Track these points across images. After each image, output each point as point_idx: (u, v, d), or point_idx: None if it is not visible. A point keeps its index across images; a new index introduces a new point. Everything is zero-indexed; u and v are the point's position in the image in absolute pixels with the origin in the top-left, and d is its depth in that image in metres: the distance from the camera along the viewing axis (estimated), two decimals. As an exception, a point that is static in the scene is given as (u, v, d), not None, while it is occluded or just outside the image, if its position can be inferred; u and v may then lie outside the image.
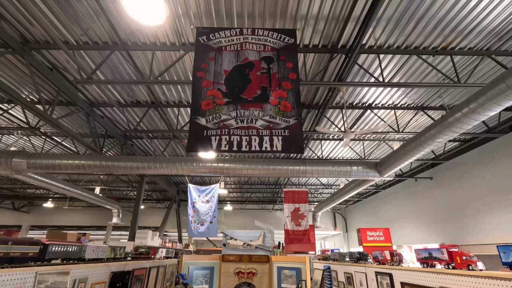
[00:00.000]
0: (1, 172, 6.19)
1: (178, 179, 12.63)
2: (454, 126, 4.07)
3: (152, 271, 3.99)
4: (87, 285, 2.42)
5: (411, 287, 2.34)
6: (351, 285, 3.61)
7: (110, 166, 6.32)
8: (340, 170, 6.25)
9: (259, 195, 15.23)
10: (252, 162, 6.48)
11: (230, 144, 2.21)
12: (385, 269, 2.75)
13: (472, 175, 7.98)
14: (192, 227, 6.97)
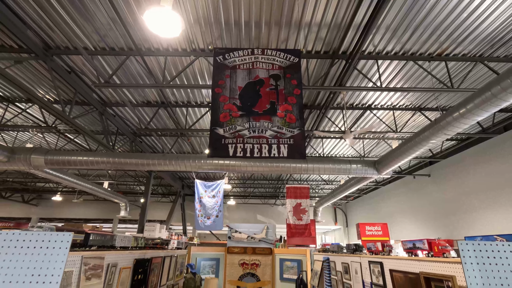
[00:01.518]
0: (20, 167, 6.59)
1: (183, 175, 13.02)
2: (446, 129, 4.38)
3: (166, 260, 4.38)
4: (117, 269, 2.79)
5: (397, 273, 2.69)
6: (348, 273, 3.97)
7: (122, 162, 6.68)
8: (340, 168, 6.57)
9: (261, 190, 15.62)
10: (256, 160, 6.81)
11: (244, 151, 2.56)
12: (377, 259, 3.10)
13: (467, 173, 8.28)
14: (199, 220, 7.35)
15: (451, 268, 1.89)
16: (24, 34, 4.29)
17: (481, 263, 1.19)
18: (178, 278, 5.38)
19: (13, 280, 1.14)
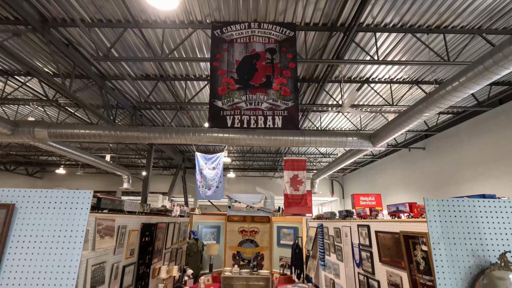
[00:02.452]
0: (25, 140, 6.76)
1: (184, 148, 13.25)
2: (439, 102, 4.50)
3: (170, 226, 4.69)
4: (127, 231, 3.06)
5: (382, 233, 2.97)
6: (339, 237, 4.29)
7: (124, 136, 6.84)
8: (336, 141, 6.76)
9: (260, 163, 15.96)
10: (254, 133, 6.96)
11: (241, 122, 2.71)
12: (365, 222, 3.38)
13: (461, 146, 8.50)
14: (200, 191, 7.68)
15: (425, 226, 2.11)
16: (19, 6, 4.25)
17: (442, 215, 1.39)
18: (181, 243, 5.76)
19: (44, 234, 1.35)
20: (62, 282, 1.29)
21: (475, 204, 1.40)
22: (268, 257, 7.58)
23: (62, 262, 1.31)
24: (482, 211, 1.39)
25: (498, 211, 1.40)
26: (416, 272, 2.33)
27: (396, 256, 2.72)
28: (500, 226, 1.38)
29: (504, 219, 1.38)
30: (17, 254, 1.31)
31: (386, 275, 2.85)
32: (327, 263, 4.91)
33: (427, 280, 2.23)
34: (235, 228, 7.81)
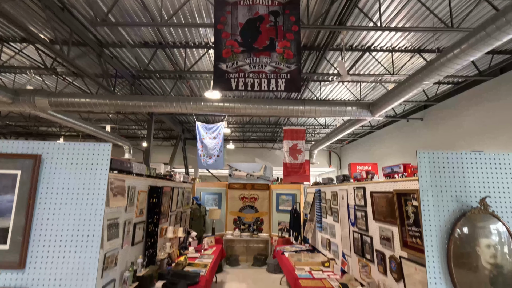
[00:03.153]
0: (26, 109, 6.78)
1: (183, 119, 13.28)
2: (439, 69, 4.51)
3: (175, 190, 4.90)
4: (136, 191, 3.23)
5: (376, 194, 3.16)
6: (336, 200, 4.53)
7: (124, 104, 6.86)
8: (336, 110, 6.83)
9: (259, 135, 16.10)
10: (255, 102, 7.00)
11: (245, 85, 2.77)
12: (361, 184, 3.56)
13: (460, 116, 8.59)
14: (202, 160, 7.86)
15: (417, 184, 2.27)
16: (11, -34, 4.08)
17: (432, 166, 1.53)
18: (185, 207, 6.04)
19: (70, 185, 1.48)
20: (89, 233, 1.44)
21: (462, 157, 1.53)
22: (267, 222, 7.97)
23: (88, 211, 1.45)
24: (468, 163, 1.53)
25: (483, 162, 1.53)
26: (406, 225, 2.54)
27: (388, 214, 2.92)
28: (483, 176, 1.52)
29: (488, 169, 1.52)
30: (47, 203, 1.45)
31: (379, 231, 3.08)
32: (324, 225, 5.22)
33: (415, 232, 2.45)
34: (235, 195, 8.12)
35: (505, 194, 1.50)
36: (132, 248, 3.20)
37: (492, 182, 1.51)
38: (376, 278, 3.17)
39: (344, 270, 4.04)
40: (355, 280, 3.68)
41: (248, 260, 7.59)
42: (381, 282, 3.04)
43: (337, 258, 4.49)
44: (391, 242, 2.86)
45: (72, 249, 1.40)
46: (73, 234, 1.42)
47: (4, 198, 1.40)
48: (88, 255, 1.40)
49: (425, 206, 1.49)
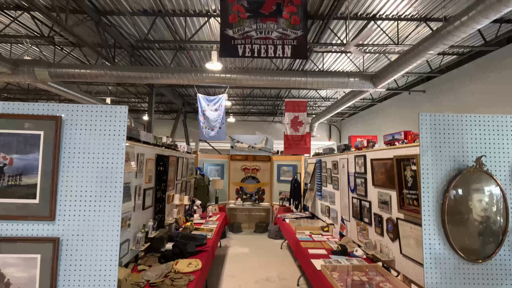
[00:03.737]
0: (26, 80, 6.73)
1: (184, 91, 13.17)
2: (445, 38, 4.45)
3: (180, 160, 5.03)
4: (144, 159, 3.35)
5: (376, 161, 3.28)
6: (336, 169, 4.67)
7: (126, 76, 6.81)
8: (338, 81, 6.79)
9: (260, 108, 16.05)
10: (256, 73, 6.93)
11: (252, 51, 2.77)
12: (361, 152, 3.67)
13: (463, 88, 8.54)
14: (204, 131, 7.94)
15: (417, 150, 2.36)
16: None
17: (433, 127, 1.60)
18: (190, 177, 6.22)
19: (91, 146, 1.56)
20: (111, 190, 1.54)
21: (461, 119, 1.61)
22: (268, 192, 8.23)
23: (109, 169, 1.54)
24: (468, 125, 1.61)
25: (481, 124, 1.61)
26: (404, 188, 2.68)
27: (387, 180, 3.06)
28: (480, 137, 1.61)
29: (485, 131, 1.60)
30: (70, 162, 1.54)
31: (377, 195, 3.23)
32: (324, 193, 5.42)
33: (412, 194, 2.59)
34: (238, 166, 8.31)
35: (500, 154, 1.60)
36: (143, 212, 3.37)
37: (489, 143, 1.60)
38: (373, 239, 3.38)
39: (343, 233, 4.28)
40: (352, 242, 3.92)
41: (250, 227, 7.95)
42: (378, 242, 3.25)
43: (336, 223, 4.73)
44: (388, 206, 3.02)
45: (96, 204, 1.52)
46: (97, 191, 1.53)
47: (31, 157, 1.49)
48: (112, 209, 1.52)
49: (424, 166, 1.59)
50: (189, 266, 2.94)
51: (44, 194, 1.49)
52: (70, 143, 1.53)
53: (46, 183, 1.49)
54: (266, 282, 4.50)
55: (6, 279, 1.44)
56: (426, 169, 1.59)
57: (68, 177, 1.51)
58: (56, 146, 1.50)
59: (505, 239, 1.56)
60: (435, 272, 1.56)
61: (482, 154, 1.58)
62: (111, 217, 1.52)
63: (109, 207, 1.51)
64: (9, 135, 1.50)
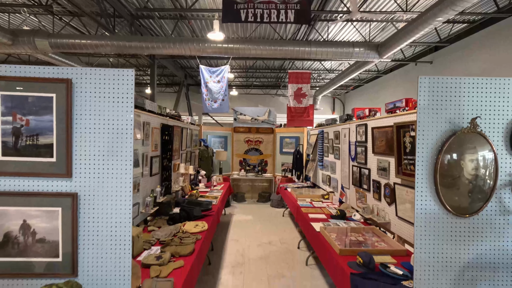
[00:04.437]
0: (27, 51, 6.68)
1: (186, 63, 12.98)
2: (455, 4, 4.30)
3: (184, 131, 5.12)
4: (150, 127, 3.43)
5: (377, 129, 3.34)
6: (338, 139, 4.75)
7: (126, 46, 6.73)
8: (343, 51, 6.66)
9: (263, 80, 15.83)
10: (259, 43, 6.80)
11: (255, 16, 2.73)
12: (363, 121, 3.72)
13: (471, 58, 8.32)
14: (207, 104, 7.95)
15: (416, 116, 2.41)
16: None
17: (431, 90, 1.64)
18: (194, 148, 6.35)
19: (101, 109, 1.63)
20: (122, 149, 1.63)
21: (459, 81, 1.64)
22: (271, 163, 8.40)
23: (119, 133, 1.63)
24: (465, 87, 1.64)
25: (478, 87, 1.64)
26: (402, 154, 2.76)
27: (387, 147, 3.13)
28: (476, 99, 1.65)
29: (482, 93, 1.64)
30: (82, 123, 1.62)
31: (377, 163, 3.33)
32: (325, 163, 5.54)
33: (410, 160, 2.67)
34: (241, 138, 8.41)
35: (494, 116, 1.65)
36: (150, 178, 3.52)
37: (484, 105, 1.65)
38: (370, 204, 3.53)
39: (342, 200, 4.45)
40: (351, 208, 4.09)
41: (253, 197, 8.21)
42: (375, 207, 3.40)
43: (336, 192, 4.89)
44: (387, 172, 3.13)
45: (110, 163, 1.62)
46: (109, 150, 1.62)
47: (45, 118, 1.58)
48: (123, 167, 1.62)
49: (420, 127, 1.65)
50: (196, 227, 3.13)
51: (60, 153, 1.59)
52: (81, 105, 1.60)
53: (61, 143, 1.59)
54: (268, 246, 4.76)
55: (32, 229, 1.59)
56: (422, 130, 1.65)
57: (82, 138, 1.61)
58: (68, 108, 1.57)
59: (492, 196, 1.65)
60: (425, 226, 1.68)
61: (477, 115, 1.64)
62: (124, 175, 1.62)
63: (121, 166, 1.62)
64: (23, 98, 1.57)
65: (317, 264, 4.03)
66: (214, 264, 4.01)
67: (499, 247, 1.67)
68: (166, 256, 2.30)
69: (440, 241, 1.68)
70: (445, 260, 1.67)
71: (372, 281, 2.05)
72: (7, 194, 1.58)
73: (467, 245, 1.68)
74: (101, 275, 1.63)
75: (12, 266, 1.60)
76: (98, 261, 1.63)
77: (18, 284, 1.61)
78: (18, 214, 1.58)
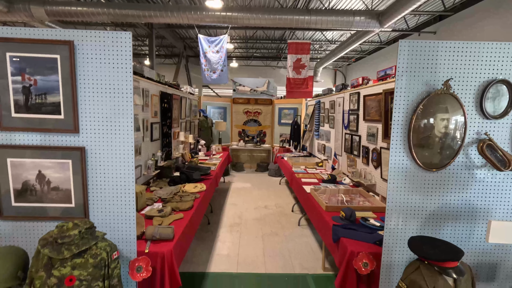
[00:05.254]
0: (24, 18, 6.62)
1: (184, 34, 12.71)
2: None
3: (183, 100, 5.23)
4: (149, 94, 3.56)
5: (368, 96, 3.45)
6: (333, 108, 4.86)
7: (124, 14, 6.65)
8: (343, 20, 6.56)
9: (263, 51, 15.55)
10: (258, 12, 6.69)
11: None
12: (356, 90, 3.82)
13: (475, 28, 8.13)
14: (206, 74, 7.95)
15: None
16: None
17: (410, 54, 1.75)
18: (194, 118, 6.48)
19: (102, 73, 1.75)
20: (123, 109, 1.78)
21: (437, 45, 1.75)
22: (269, 134, 8.57)
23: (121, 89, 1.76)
24: (442, 51, 1.75)
25: (453, 50, 1.75)
26: (389, 119, 2.91)
27: (376, 114, 3.27)
28: (451, 62, 1.76)
29: (456, 57, 1.76)
30: (86, 83, 1.75)
31: (366, 129, 3.49)
32: (321, 133, 5.70)
33: (395, 125, 2.81)
34: (240, 110, 8.51)
35: (466, 78, 1.77)
36: (151, 143, 3.71)
37: (458, 68, 1.76)
38: (359, 168, 3.74)
39: (334, 167, 4.67)
40: (342, 173, 4.31)
41: (252, 166, 8.48)
42: (363, 170, 3.61)
43: (330, 159, 5.10)
44: (375, 137, 3.29)
45: (113, 120, 1.78)
46: (111, 108, 1.77)
47: (52, 78, 1.71)
48: (125, 125, 1.79)
49: (398, 89, 1.78)
50: (195, 188, 3.37)
51: (67, 111, 1.74)
52: (83, 66, 1.73)
53: (68, 101, 1.74)
54: (264, 209, 5.07)
55: (46, 178, 1.79)
56: (400, 92, 1.79)
57: (86, 97, 1.75)
58: (72, 69, 1.71)
59: (460, 152, 1.82)
60: (397, 180, 1.86)
61: (450, 77, 1.76)
62: (126, 133, 1.79)
63: (123, 123, 1.78)
64: (30, 59, 1.69)
65: (309, 225, 4.34)
66: (213, 223, 4.33)
67: (463, 197, 1.87)
68: (167, 209, 2.54)
69: (410, 192, 1.87)
70: (414, 209, 1.88)
71: (352, 230, 2.29)
72: (22, 147, 1.76)
73: (434, 196, 1.87)
74: (109, 220, 1.86)
75: (31, 211, 1.82)
76: (106, 208, 1.84)
77: (37, 226, 1.85)
78: (34, 165, 1.77)
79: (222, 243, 3.68)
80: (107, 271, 1.50)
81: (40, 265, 1.42)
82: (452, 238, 1.90)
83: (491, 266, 1.92)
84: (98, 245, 1.50)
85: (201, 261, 3.22)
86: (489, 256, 1.91)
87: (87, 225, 1.50)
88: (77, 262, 1.42)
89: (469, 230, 1.89)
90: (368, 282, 1.99)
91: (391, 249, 1.89)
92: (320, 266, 3.16)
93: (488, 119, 1.80)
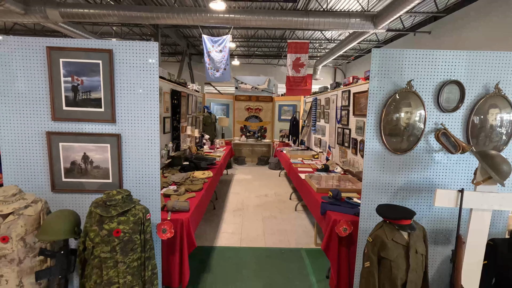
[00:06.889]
0: (39, 20, 7.06)
1: (188, 33, 13.11)
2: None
3: (190, 97, 5.67)
4: (162, 92, 3.99)
5: (358, 94, 3.88)
6: (328, 105, 5.29)
7: (132, 16, 7.07)
8: (339, 22, 6.96)
9: (265, 50, 15.94)
10: (259, 13, 7.10)
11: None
12: (347, 88, 4.25)
13: (467, 28, 8.51)
14: (209, 72, 8.39)
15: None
16: None
17: (381, 60, 2.18)
18: (199, 113, 6.93)
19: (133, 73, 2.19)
20: (151, 106, 2.22)
21: (402, 53, 2.18)
22: (270, 130, 9.01)
23: (148, 90, 2.21)
24: (406, 58, 2.18)
25: (415, 57, 2.19)
26: (372, 114, 3.33)
27: (364, 109, 3.70)
28: (414, 66, 2.20)
29: (418, 62, 2.19)
30: (122, 84, 2.19)
31: (355, 123, 3.92)
32: (317, 127, 6.13)
33: (377, 118, 3.24)
34: (241, 106, 8.95)
35: (426, 79, 2.20)
36: (164, 135, 4.16)
37: (419, 71, 2.19)
38: (349, 158, 4.18)
39: (328, 158, 5.11)
40: (335, 164, 4.75)
41: (253, 160, 8.93)
42: (352, 160, 4.05)
43: (325, 152, 5.54)
44: (362, 130, 3.72)
45: (142, 112, 2.22)
46: (141, 104, 2.22)
47: (95, 79, 2.16)
48: (152, 118, 2.23)
49: (371, 88, 2.22)
50: (203, 174, 3.82)
51: (106, 105, 2.19)
52: (120, 70, 2.17)
53: (107, 97, 2.18)
54: (264, 197, 5.52)
55: (90, 159, 2.24)
56: (373, 91, 2.22)
57: (121, 93, 2.20)
58: (111, 72, 2.15)
59: (421, 139, 2.26)
60: (371, 161, 2.31)
61: (412, 79, 2.19)
62: (153, 122, 2.23)
63: (151, 115, 2.22)
64: (78, 63, 2.14)
65: (304, 211, 4.79)
66: (218, 208, 4.79)
67: (424, 175, 2.31)
68: (181, 190, 3.00)
69: (381, 172, 2.31)
70: (384, 185, 2.32)
71: (336, 206, 2.74)
72: (71, 134, 2.21)
73: (401, 174, 2.32)
74: (139, 193, 2.31)
75: (78, 185, 2.27)
76: (137, 183, 2.29)
77: (82, 197, 2.30)
78: (80, 148, 2.22)
79: (227, 224, 4.14)
80: (142, 228, 1.95)
81: (94, 222, 1.87)
82: (414, 208, 2.34)
83: (443, 231, 2.37)
84: (136, 207, 1.95)
85: (210, 238, 3.68)
86: (443, 223, 2.36)
87: (126, 193, 1.95)
88: (121, 219, 1.87)
89: (428, 201, 2.34)
90: (347, 244, 2.44)
91: (366, 217, 2.34)
92: (313, 242, 3.61)
93: (444, 112, 2.24)
